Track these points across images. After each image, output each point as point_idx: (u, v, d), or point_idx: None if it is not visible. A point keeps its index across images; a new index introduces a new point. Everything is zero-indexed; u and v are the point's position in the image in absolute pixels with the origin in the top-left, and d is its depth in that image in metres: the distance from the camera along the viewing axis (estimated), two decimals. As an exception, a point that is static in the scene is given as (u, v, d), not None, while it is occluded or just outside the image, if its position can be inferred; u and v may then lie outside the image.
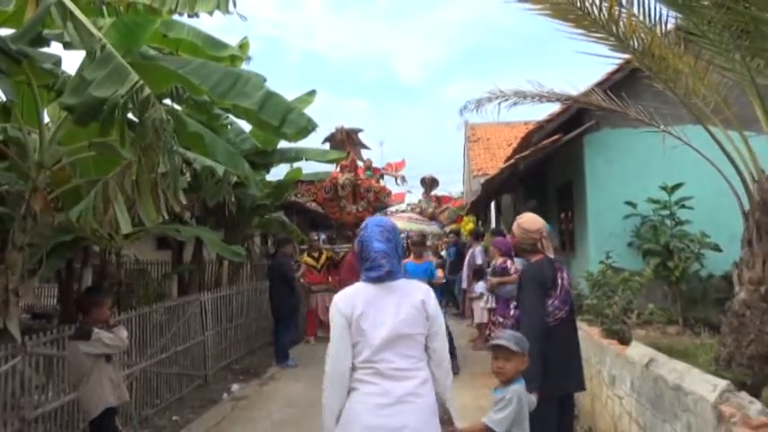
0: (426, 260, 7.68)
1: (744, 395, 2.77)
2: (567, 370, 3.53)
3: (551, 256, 3.71)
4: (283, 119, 5.01)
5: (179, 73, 4.59)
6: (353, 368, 2.53)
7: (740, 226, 4.89)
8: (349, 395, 2.52)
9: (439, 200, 19.13)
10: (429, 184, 17.31)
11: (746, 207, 4.85)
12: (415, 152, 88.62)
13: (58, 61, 4.38)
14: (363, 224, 2.80)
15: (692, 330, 7.94)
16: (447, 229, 17.25)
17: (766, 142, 4.97)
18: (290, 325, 8.80)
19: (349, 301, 2.58)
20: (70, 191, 5.96)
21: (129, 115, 4.00)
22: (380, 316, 2.54)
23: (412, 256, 7.63)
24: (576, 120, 8.95)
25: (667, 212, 8.89)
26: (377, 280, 2.59)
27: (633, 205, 9.08)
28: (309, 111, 9.53)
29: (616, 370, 4.32)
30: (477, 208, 18.66)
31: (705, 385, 2.92)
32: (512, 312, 3.92)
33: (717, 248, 8.09)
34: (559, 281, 3.57)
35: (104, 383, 3.95)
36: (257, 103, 4.80)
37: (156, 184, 3.79)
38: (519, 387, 2.91)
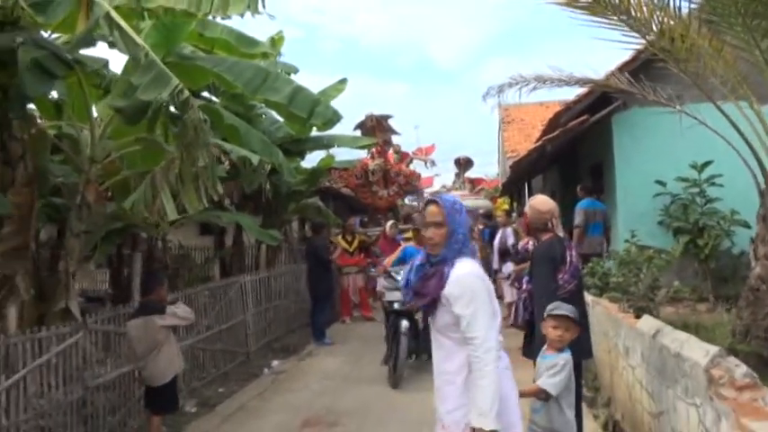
0: None
1: (732, 360, 2.98)
2: (576, 339, 3.78)
3: (561, 234, 3.96)
4: (311, 111, 5.35)
5: (214, 71, 4.97)
6: None
7: (773, 202, 4.97)
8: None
9: (473, 182, 19.19)
10: (463, 165, 17.08)
11: (762, 185, 4.96)
12: (453, 134, 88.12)
13: (105, 63, 4.79)
14: (453, 199, 2.84)
15: (722, 308, 8.00)
16: (481, 211, 17.37)
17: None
18: (327, 305, 9.20)
19: (485, 276, 2.68)
20: (119, 182, 6.45)
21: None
22: (493, 294, 2.69)
23: (414, 241, 7.47)
24: (604, 100, 8.97)
25: (697, 190, 8.91)
26: (473, 256, 2.77)
27: (663, 184, 9.11)
28: (346, 97, 9.89)
29: (629, 342, 4.54)
30: (511, 189, 18.73)
31: (700, 351, 3.13)
32: (525, 287, 4.18)
33: (746, 225, 8.08)
34: (568, 257, 3.83)
35: (174, 353, 4.45)
36: (287, 97, 5.15)
37: (197, 176, 4.18)
38: (569, 355, 3.24)
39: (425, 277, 2.68)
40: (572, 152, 12.40)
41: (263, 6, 4.85)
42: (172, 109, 3.86)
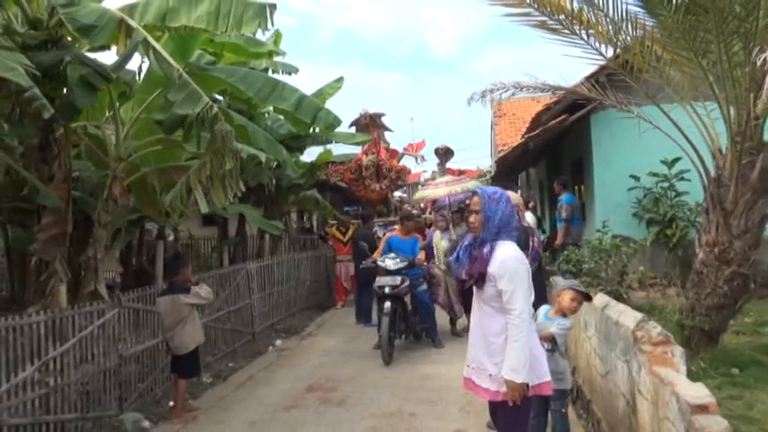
0: (413, 236, 8.00)
1: (652, 323, 3.73)
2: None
3: (525, 224, 4.71)
4: (314, 117, 6.06)
5: (229, 81, 5.67)
6: None
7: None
8: None
9: (453, 172, 19.65)
10: (443, 154, 17.13)
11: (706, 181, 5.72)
12: (448, 126, 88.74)
13: (134, 75, 5.48)
14: (499, 192, 3.32)
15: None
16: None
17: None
18: (371, 290, 9.11)
19: (524, 258, 3.22)
20: (137, 178, 7.15)
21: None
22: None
23: (399, 230, 8.05)
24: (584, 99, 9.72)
25: (667, 184, 9.69)
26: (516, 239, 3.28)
27: (637, 178, 9.91)
28: (343, 91, 10.59)
29: (587, 316, 5.29)
30: (500, 183, 19.45)
31: (631, 318, 3.89)
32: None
33: (708, 217, 8.83)
34: (531, 243, 4.59)
35: (196, 326, 5.20)
36: (293, 104, 5.87)
37: (223, 177, 4.91)
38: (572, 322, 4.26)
39: (472, 257, 3.28)
40: (558, 147, 13.18)
41: (272, 24, 5.54)
42: (203, 124, 4.55)
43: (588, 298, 4.24)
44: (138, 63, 8.33)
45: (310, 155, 13.45)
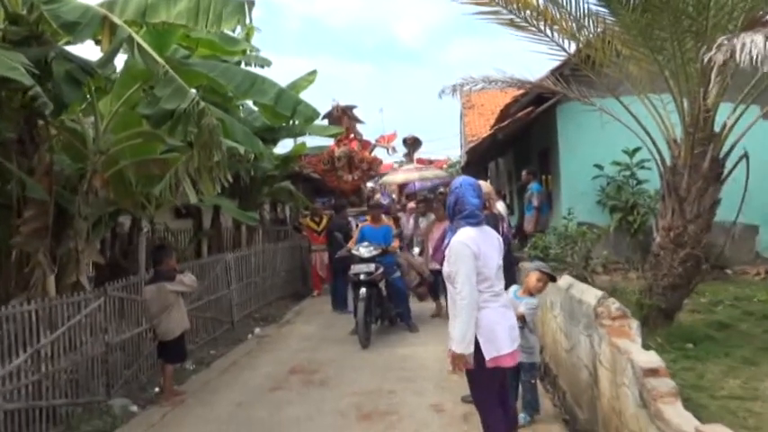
0: (384, 224, 8.26)
1: (611, 300, 4.07)
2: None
3: (495, 212, 5.03)
4: (294, 110, 6.27)
5: (210, 75, 5.83)
6: (479, 290, 3.40)
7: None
8: (482, 310, 3.39)
9: (421, 161, 19.95)
10: (411, 144, 17.31)
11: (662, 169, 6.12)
12: (418, 117, 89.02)
13: (114, 70, 5.60)
14: (458, 183, 3.61)
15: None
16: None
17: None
18: (346, 278, 9.15)
19: (473, 241, 3.40)
20: (115, 171, 7.24)
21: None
22: (489, 252, 3.48)
23: (370, 220, 8.31)
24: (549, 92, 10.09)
25: (629, 173, 10.14)
26: (477, 224, 3.50)
27: (600, 167, 10.34)
28: (315, 82, 10.78)
29: (553, 297, 5.63)
30: (471, 172, 19.84)
31: (592, 296, 4.23)
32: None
33: (667, 203, 9.31)
34: (501, 229, 4.89)
35: (182, 313, 5.39)
36: (273, 98, 6.06)
37: (211, 169, 5.09)
38: (538, 300, 4.62)
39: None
40: (525, 138, 13.56)
41: (251, 20, 5.71)
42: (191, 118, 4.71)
43: (553, 278, 4.59)
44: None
45: (282, 147, 13.59)
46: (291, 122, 6.63)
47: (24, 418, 4.41)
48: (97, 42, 4.99)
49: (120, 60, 6.80)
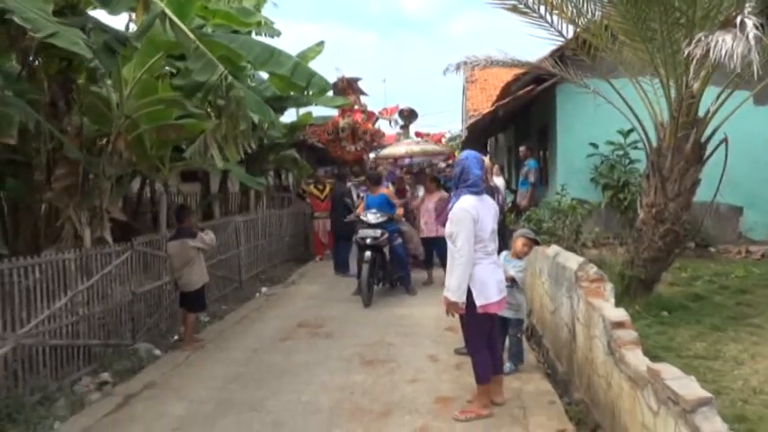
0: (381, 191, 8.64)
1: (590, 265, 4.59)
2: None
3: (492, 184, 5.52)
4: (309, 82, 6.70)
5: (230, 46, 6.24)
6: (474, 250, 3.99)
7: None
8: (475, 266, 3.98)
9: (419, 135, 20.27)
10: (407, 116, 17.58)
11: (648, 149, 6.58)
12: (420, 89, 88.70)
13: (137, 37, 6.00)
14: (464, 156, 4.21)
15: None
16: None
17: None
18: (349, 243, 9.47)
19: (473, 208, 3.98)
20: (135, 136, 7.67)
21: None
22: (486, 217, 4.07)
23: (369, 189, 8.79)
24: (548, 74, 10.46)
25: (622, 153, 10.60)
26: (478, 193, 4.09)
27: (595, 146, 10.79)
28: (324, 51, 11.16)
29: (541, 264, 6.15)
30: (471, 146, 20.25)
31: (575, 262, 4.74)
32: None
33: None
34: (497, 199, 5.39)
35: (202, 267, 5.91)
36: (289, 70, 6.49)
37: (236, 137, 5.55)
38: (526, 262, 5.14)
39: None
40: (525, 115, 13.96)
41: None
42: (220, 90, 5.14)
43: (537, 243, 5.10)
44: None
45: (286, 115, 13.97)
46: (306, 93, 7.02)
47: (65, 354, 4.95)
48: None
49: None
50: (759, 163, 10.18)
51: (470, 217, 3.98)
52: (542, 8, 6.22)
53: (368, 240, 7.88)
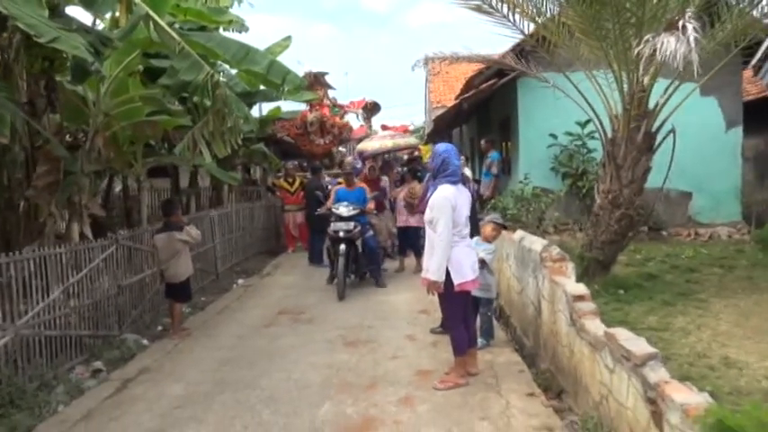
0: (358, 186, 8.91)
1: (554, 247, 5.03)
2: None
3: (465, 175, 5.92)
4: (284, 79, 6.96)
5: (207, 45, 6.46)
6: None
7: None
8: (452, 248, 4.37)
9: (383, 127, 20.73)
10: (370, 109, 17.79)
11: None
12: (382, 81, 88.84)
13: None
14: (443, 148, 4.65)
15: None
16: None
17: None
18: (323, 235, 9.56)
19: (452, 195, 4.40)
20: (110, 133, 7.80)
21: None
22: (462, 205, 4.47)
23: (344, 184, 8.99)
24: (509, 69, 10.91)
25: (581, 143, 11.14)
26: (456, 183, 4.50)
27: (555, 137, 11.30)
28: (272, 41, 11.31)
29: (508, 249, 6.59)
30: (436, 138, 20.73)
31: (539, 245, 5.18)
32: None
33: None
34: (469, 188, 5.79)
35: (188, 259, 6.14)
36: (265, 68, 6.74)
37: (223, 133, 5.79)
38: (495, 246, 5.55)
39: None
40: (487, 107, 14.44)
41: (246, -4, 6.32)
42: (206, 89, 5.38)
43: (504, 227, 5.53)
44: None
45: (254, 110, 14.13)
46: (282, 90, 7.28)
47: (59, 344, 5.15)
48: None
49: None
50: (706, 151, 10.85)
51: (450, 204, 4.39)
52: (505, 7, 6.62)
53: (341, 233, 8.12)
